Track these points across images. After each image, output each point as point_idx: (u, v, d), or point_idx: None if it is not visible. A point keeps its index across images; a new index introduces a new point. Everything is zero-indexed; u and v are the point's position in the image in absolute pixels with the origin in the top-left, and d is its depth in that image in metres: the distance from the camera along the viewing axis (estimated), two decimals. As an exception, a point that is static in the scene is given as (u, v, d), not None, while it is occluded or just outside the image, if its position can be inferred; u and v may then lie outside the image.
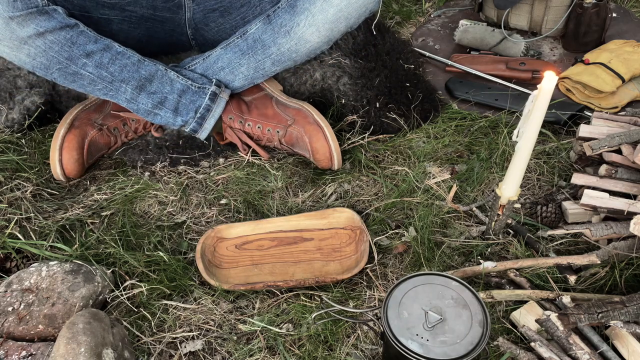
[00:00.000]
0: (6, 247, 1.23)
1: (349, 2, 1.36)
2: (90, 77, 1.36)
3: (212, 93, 1.44)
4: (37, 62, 1.32)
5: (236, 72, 1.46)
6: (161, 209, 1.37)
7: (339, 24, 1.39)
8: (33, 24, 1.27)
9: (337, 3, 1.35)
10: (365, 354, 1.07)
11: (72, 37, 1.31)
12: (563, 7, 1.77)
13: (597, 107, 1.58)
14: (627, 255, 1.14)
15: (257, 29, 1.42)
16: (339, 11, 1.36)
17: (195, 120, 1.44)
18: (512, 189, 1.13)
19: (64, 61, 1.32)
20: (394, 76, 1.57)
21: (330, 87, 1.52)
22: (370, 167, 1.46)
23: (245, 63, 1.44)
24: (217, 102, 1.45)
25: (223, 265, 1.25)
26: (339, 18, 1.37)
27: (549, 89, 0.97)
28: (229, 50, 1.45)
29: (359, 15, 1.40)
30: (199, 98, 1.43)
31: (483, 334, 0.90)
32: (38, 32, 1.28)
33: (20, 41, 1.28)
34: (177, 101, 1.42)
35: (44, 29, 1.28)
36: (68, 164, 1.40)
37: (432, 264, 1.21)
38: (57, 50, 1.31)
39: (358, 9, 1.38)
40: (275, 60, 1.44)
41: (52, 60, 1.32)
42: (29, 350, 1.02)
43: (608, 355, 1.01)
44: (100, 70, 1.34)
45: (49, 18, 1.28)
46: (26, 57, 1.31)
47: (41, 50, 1.30)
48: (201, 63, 1.48)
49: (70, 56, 1.32)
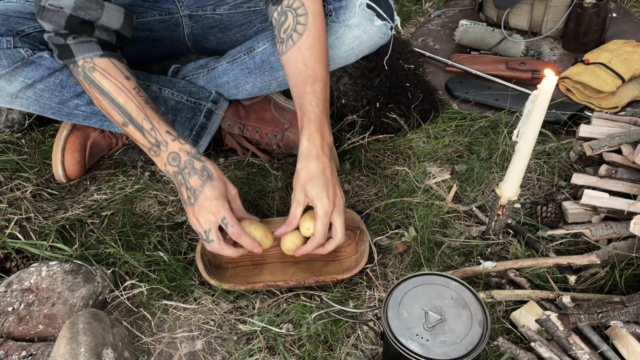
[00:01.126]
0: (6, 247, 1.23)
1: (360, 42, 1.32)
2: (84, 114, 1.34)
3: (208, 110, 1.42)
4: (32, 109, 1.31)
5: (240, 88, 1.44)
6: (161, 209, 1.37)
7: (349, 60, 1.36)
8: (21, 77, 1.24)
9: (349, 42, 1.32)
10: (365, 354, 1.07)
11: (62, 80, 1.28)
12: (563, 7, 1.77)
13: (597, 107, 1.58)
14: (627, 255, 1.14)
15: (265, 49, 1.39)
16: (350, 50, 1.33)
17: (191, 138, 1.43)
18: (512, 189, 1.13)
19: (56, 106, 1.31)
20: (394, 76, 1.58)
21: (330, 87, 1.52)
22: (370, 167, 1.46)
23: (252, 81, 1.42)
24: (213, 120, 1.44)
25: (223, 265, 1.25)
26: (349, 55, 1.35)
27: (549, 89, 0.97)
28: (235, 67, 1.43)
29: (370, 50, 1.37)
30: (194, 116, 1.42)
31: (483, 334, 0.90)
32: (27, 84, 1.25)
33: (12, 96, 1.27)
34: (172, 121, 1.41)
35: (32, 79, 1.25)
36: (70, 165, 1.40)
37: (432, 264, 1.21)
38: (48, 97, 1.29)
39: (370, 47, 1.35)
40: (281, 84, 1.41)
41: (45, 107, 1.30)
42: (29, 350, 1.02)
43: (608, 355, 1.01)
44: (93, 107, 1.32)
45: (36, 67, 1.25)
46: (20, 107, 1.30)
47: (33, 100, 1.28)
48: (205, 74, 1.46)
49: (61, 100, 1.30)
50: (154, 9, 1.44)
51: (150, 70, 1.52)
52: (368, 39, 1.32)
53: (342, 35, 1.30)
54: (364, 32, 1.30)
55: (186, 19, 1.47)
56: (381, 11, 1.30)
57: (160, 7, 1.44)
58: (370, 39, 1.32)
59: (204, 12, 1.47)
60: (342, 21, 1.29)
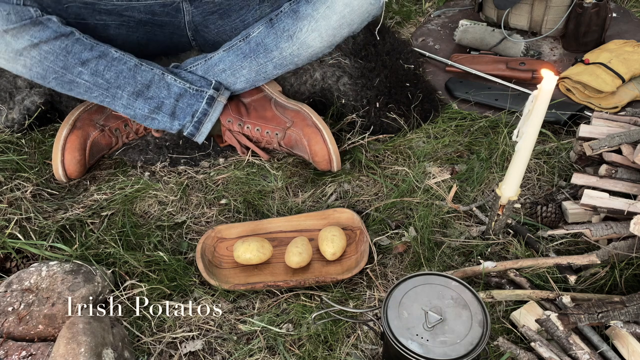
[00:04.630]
0: (6, 247, 1.23)
1: (352, 9, 1.35)
2: (86, 84, 1.36)
3: (210, 97, 1.43)
4: (34, 72, 1.32)
5: (238, 75, 1.46)
6: (161, 209, 1.37)
7: (342, 30, 1.38)
8: (27, 35, 1.27)
9: (340, 10, 1.34)
10: (365, 354, 1.07)
11: (67, 46, 1.31)
12: (563, 7, 1.77)
13: (597, 107, 1.58)
14: (627, 255, 1.14)
15: (260, 32, 1.42)
16: (341, 18, 1.35)
17: (192, 124, 1.44)
18: (512, 189, 1.13)
19: (60, 70, 1.32)
20: (394, 76, 1.58)
21: (330, 87, 1.52)
22: (370, 167, 1.46)
23: (247, 66, 1.44)
24: (215, 106, 1.45)
25: (223, 265, 1.25)
26: (342, 24, 1.37)
27: (549, 89, 0.97)
28: (231, 53, 1.45)
29: (362, 20, 1.39)
30: (196, 102, 1.43)
31: (483, 334, 0.90)
32: (33, 43, 1.28)
33: (16, 53, 1.28)
34: (174, 105, 1.42)
35: (39, 39, 1.28)
36: (70, 165, 1.40)
37: (432, 264, 1.21)
38: (53, 60, 1.31)
39: (361, 15, 1.37)
40: (277, 64, 1.44)
41: (48, 70, 1.32)
42: (29, 350, 1.02)
43: (608, 355, 1.01)
44: (96, 77, 1.34)
45: (44, 28, 1.28)
46: (22, 68, 1.31)
47: (37, 61, 1.30)
48: (203, 64, 1.48)
49: (65, 65, 1.32)
50: None
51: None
52: (358, 5, 1.34)
53: (333, 3, 1.33)
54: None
55: (187, 4, 1.48)
56: None
57: None
58: (360, 5, 1.34)
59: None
60: None
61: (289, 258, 1.22)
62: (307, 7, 1.36)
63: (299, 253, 1.21)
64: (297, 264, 1.21)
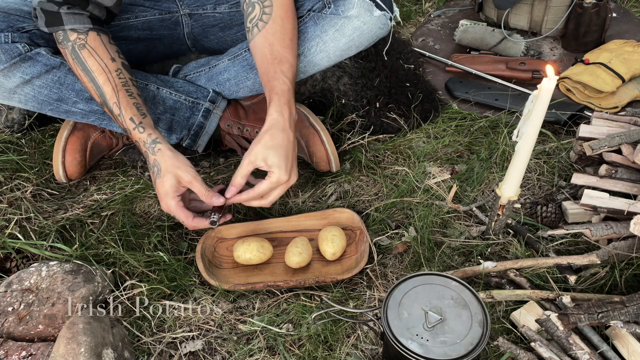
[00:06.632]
0: (6, 247, 1.23)
1: (361, 33, 1.32)
2: (82, 112, 1.34)
3: (206, 110, 1.42)
4: (29, 105, 1.31)
5: (241, 85, 1.44)
6: (161, 209, 1.37)
7: (350, 51, 1.36)
8: (19, 72, 1.25)
9: (349, 34, 1.32)
10: (365, 354, 1.07)
11: (60, 78, 1.29)
12: (563, 7, 1.77)
13: (597, 107, 1.58)
14: (627, 255, 1.14)
15: None
16: (350, 41, 1.33)
17: (189, 137, 1.44)
18: (512, 189, 1.13)
19: (55, 102, 1.31)
20: (394, 76, 1.58)
21: (330, 87, 1.52)
22: (370, 167, 1.46)
23: (252, 78, 1.41)
24: (210, 119, 1.44)
25: (223, 265, 1.25)
26: (350, 47, 1.35)
27: (549, 89, 0.97)
28: (236, 63, 1.43)
29: (370, 42, 1.37)
30: (192, 115, 1.42)
31: (483, 334, 0.90)
32: (25, 80, 1.26)
33: (10, 92, 1.27)
34: (170, 120, 1.42)
35: (30, 75, 1.26)
36: (71, 166, 1.40)
37: (432, 264, 1.21)
38: (47, 94, 1.29)
39: (370, 38, 1.35)
40: None
41: (44, 103, 1.31)
42: (29, 350, 1.02)
43: (608, 355, 1.01)
44: (92, 105, 1.33)
45: (34, 63, 1.25)
46: (18, 103, 1.30)
47: (31, 97, 1.29)
48: (207, 72, 1.46)
49: (60, 97, 1.30)
50: (154, 8, 1.44)
51: (151, 70, 1.52)
52: (368, 29, 1.32)
53: (342, 26, 1.31)
54: (363, 22, 1.30)
55: (186, 17, 1.47)
56: (380, 2, 1.31)
57: (161, 6, 1.44)
58: (370, 29, 1.33)
59: (204, 11, 1.47)
60: (341, 12, 1.30)
61: (289, 258, 1.22)
62: (315, 28, 1.32)
63: (299, 253, 1.21)
64: (297, 264, 1.21)
